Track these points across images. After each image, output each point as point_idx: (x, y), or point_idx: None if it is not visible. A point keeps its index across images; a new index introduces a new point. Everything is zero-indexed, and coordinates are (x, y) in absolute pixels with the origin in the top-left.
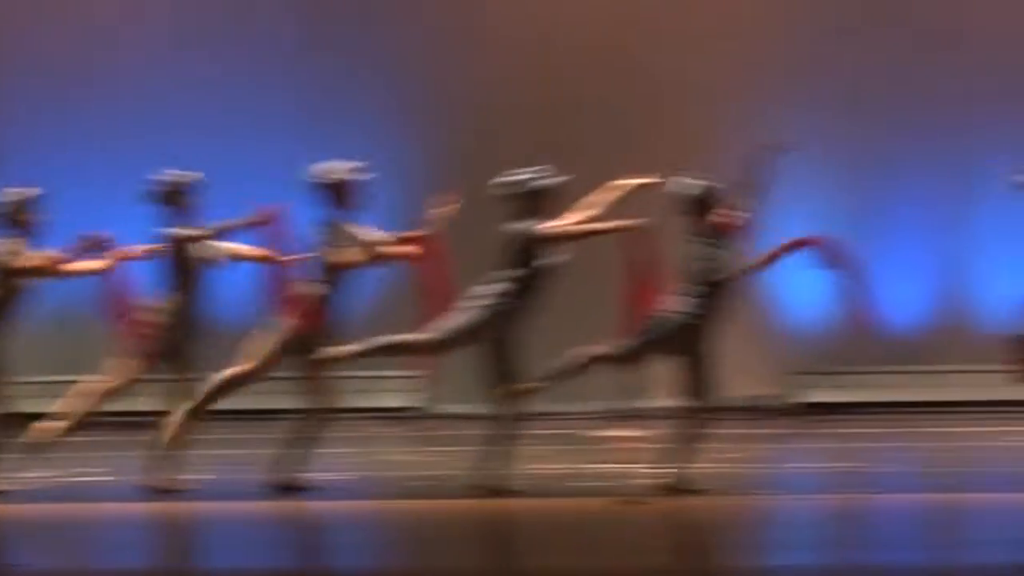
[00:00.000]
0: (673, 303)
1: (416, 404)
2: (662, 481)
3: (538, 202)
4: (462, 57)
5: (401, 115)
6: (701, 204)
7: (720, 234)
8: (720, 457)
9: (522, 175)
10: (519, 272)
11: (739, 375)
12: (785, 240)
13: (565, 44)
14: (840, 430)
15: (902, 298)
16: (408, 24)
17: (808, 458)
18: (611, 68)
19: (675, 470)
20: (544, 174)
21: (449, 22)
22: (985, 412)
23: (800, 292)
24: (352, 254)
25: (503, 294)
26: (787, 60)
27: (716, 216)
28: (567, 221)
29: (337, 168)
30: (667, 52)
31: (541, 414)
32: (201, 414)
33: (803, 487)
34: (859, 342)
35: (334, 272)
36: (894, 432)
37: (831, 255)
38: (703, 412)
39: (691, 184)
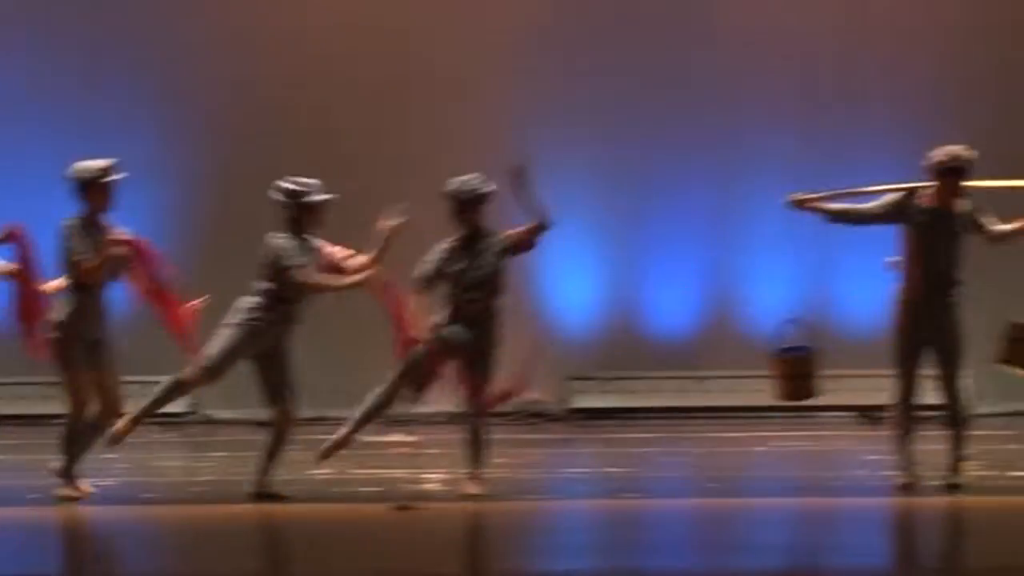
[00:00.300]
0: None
1: (186, 409)
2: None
3: (303, 215)
4: (222, 56)
5: (156, 113)
6: (465, 206)
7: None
8: (494, 462)
9: (293, 185)
10: (270, 286)
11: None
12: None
13: (325, 44)
14: (610, 435)
15: (669, 306)
16: (164, 21)
17: (579, 463)
18: (377, 68)
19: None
20: (313, 189)
21: (204, 21)
22: (750, 418)
23: (570, 298)
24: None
25: (254, 309)
26: (549, 67)
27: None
28: (331, 255)
29: (89, 166)
30: (432, 52)
31: (313, 419)
32: None
33: (575, 492)
34: (628, 348)
35: (88, 275)
36: (663, 437)
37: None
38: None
39: (462, 183)
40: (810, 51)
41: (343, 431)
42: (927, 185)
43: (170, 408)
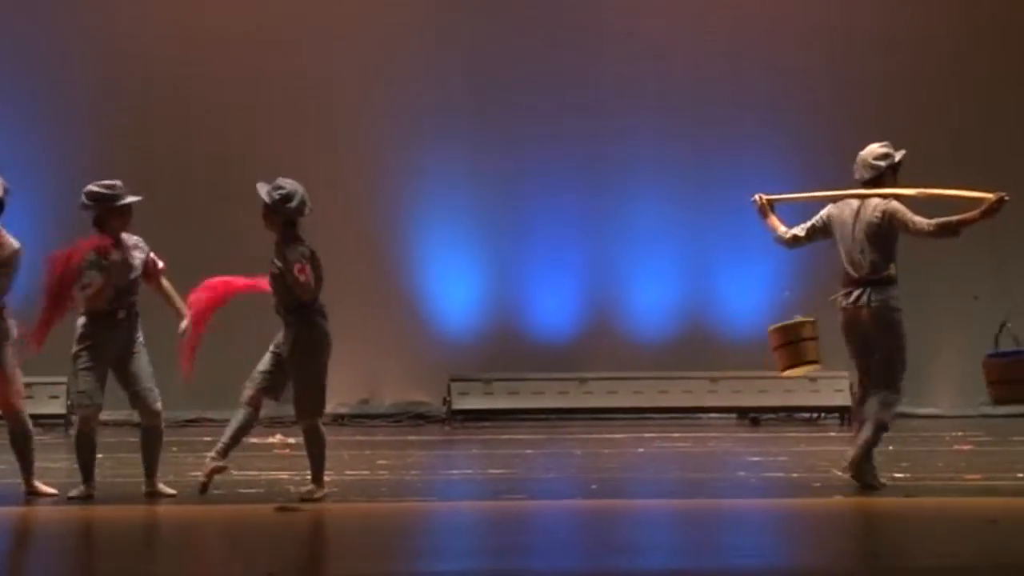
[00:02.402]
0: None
1: (66, 411)
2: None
3: (110, 218)
4: (88, 57)
5: (35, 113)
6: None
7: None
8: (376, 464)
9: (98, 188)
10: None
11: (393, 382)
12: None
13: (214, 46)
14: (492, 436)
15: (550, 308)
16: (32, 22)
17: (461, 464)
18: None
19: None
20: (119, 192)
21: (84, 20)
22: (631, 419)
23: (451, 299)
24: None
25: (87, 319)
26: (431, 74)
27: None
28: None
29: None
30: (320, 58)
31: (193, 421)
32: None
33: (456, 493)
34: (510, 350)
35: None
36: (545, 439)
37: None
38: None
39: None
40: (694, 55)
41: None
42: (900, 193)
43: (50, 410)
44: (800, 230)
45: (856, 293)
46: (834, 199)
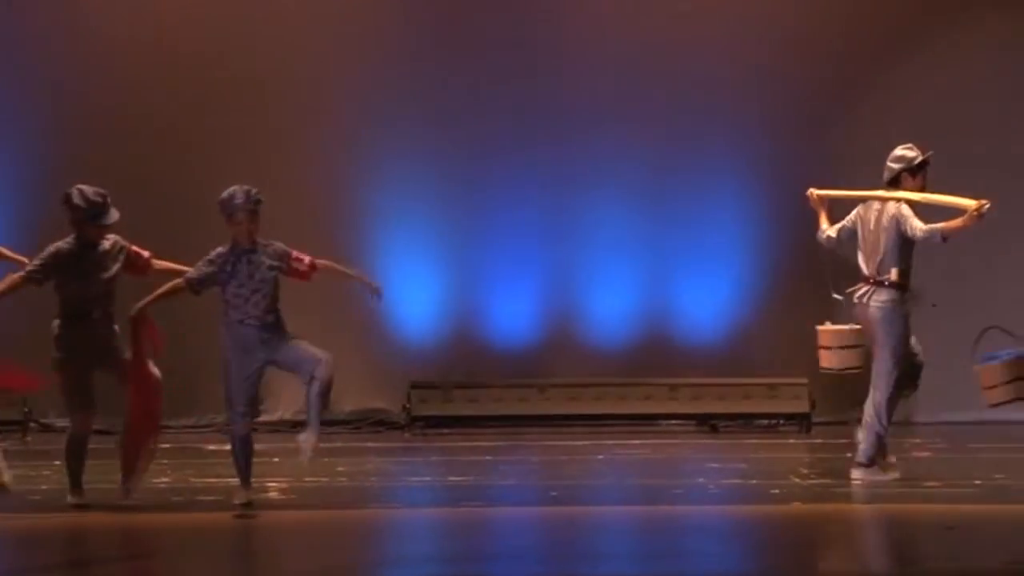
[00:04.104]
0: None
1: (21, 417)
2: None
3: (85, 226)
4: (39, 60)
5: None
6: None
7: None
8: (336, 471)
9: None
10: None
11: (353, 388)
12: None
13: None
14: (452, 443)
15: (510, 314)
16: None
17: (421, 471)
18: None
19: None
20: (101, 207)
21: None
22: (591, 426)
23: (412, 306)
24: None
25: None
26: (388, 80)
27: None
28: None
29: None
30: (274, 60)
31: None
32: None
33: (417, 500)
34: (470, 357)
35: None
36: (505, 445)
37: None
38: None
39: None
40: (657, 66)
41: None
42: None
43: (4, 415)
44: (833, 230)
45: (864, 291)
46: (881, 199)
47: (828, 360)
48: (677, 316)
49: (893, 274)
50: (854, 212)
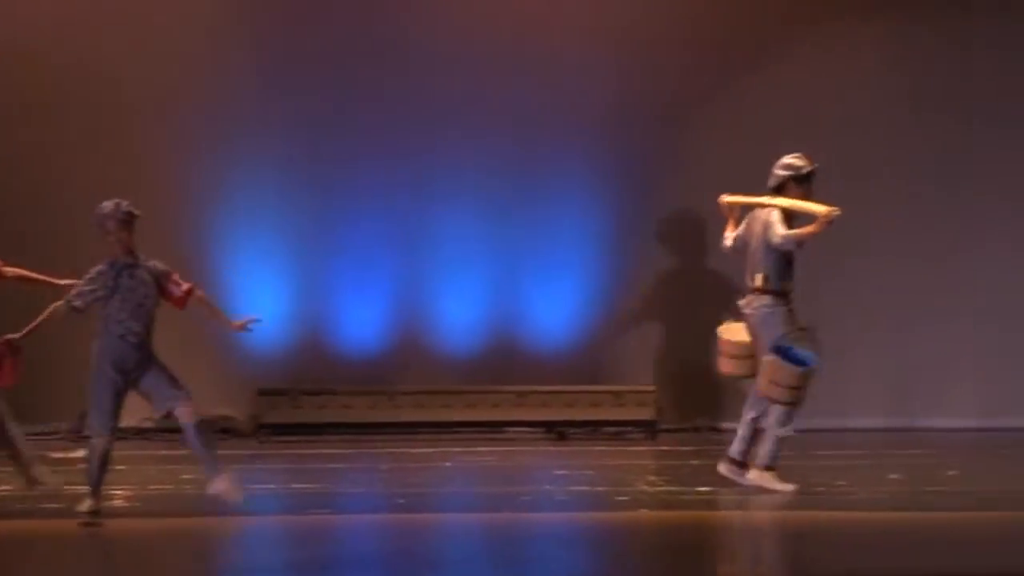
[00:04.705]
0: None
1: None
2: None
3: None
4: None
5: None
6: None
7: None
8: (182, 478)
9: None
10: None
11: (200, 395)
12: None
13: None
14: (300, 451)
15: (359, 321)
16: None
17: (268, 479)
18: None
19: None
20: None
21: None
22: (439, 433)
23: (259, 311)
24: None
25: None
26: (246, 82)
27: None
28: None
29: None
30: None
31: None
32: None
33: (264, 508)
34: (318, 363)
35: None
36: (353, 453)
37: None
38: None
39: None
40: (504, 74)
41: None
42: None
43: None
44: (729, 239)
45: (746, 299)
46: (768, 206)
47: (725, 367)
48: (525, 324)
49: (758, 280)
50: (744, 221)
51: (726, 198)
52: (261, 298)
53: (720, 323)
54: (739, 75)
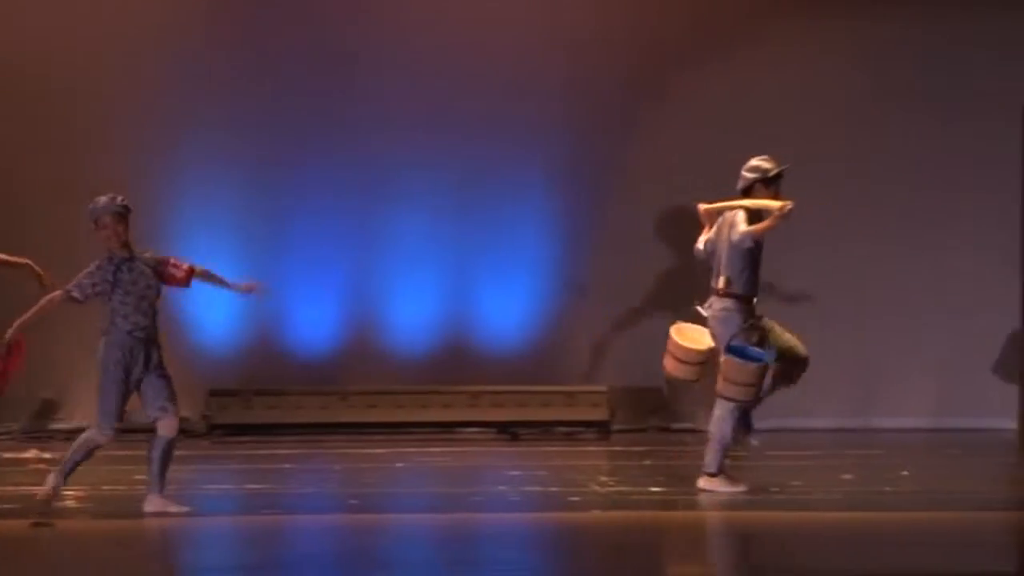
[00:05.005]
0: None
1: None
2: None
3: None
4: None
5: None
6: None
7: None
8: (134, 479)
9: None
10: None
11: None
12: None
13: None
14: (252, 451)
15: (313, 322)
16: None
17: (221, 480)
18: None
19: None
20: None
21: None
22: (392, 433)
23: (211, 312)
24: None
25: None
26: (194, 79)
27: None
28: None
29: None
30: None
31: None
32: None
33: (217, 508)
34: (270, 363)
35: None
36: (305, 453)
37: None
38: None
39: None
40: (458, 72)
41: None
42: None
43: None
44: (701, 243)
45: (708, 301)
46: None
47: (668, 366)
48: (478, 324)
49: (721, 282)
50: (716, 226)
51: (703, 206)
52: (213, 298)
53: (673, 323)
54: (696, 75)
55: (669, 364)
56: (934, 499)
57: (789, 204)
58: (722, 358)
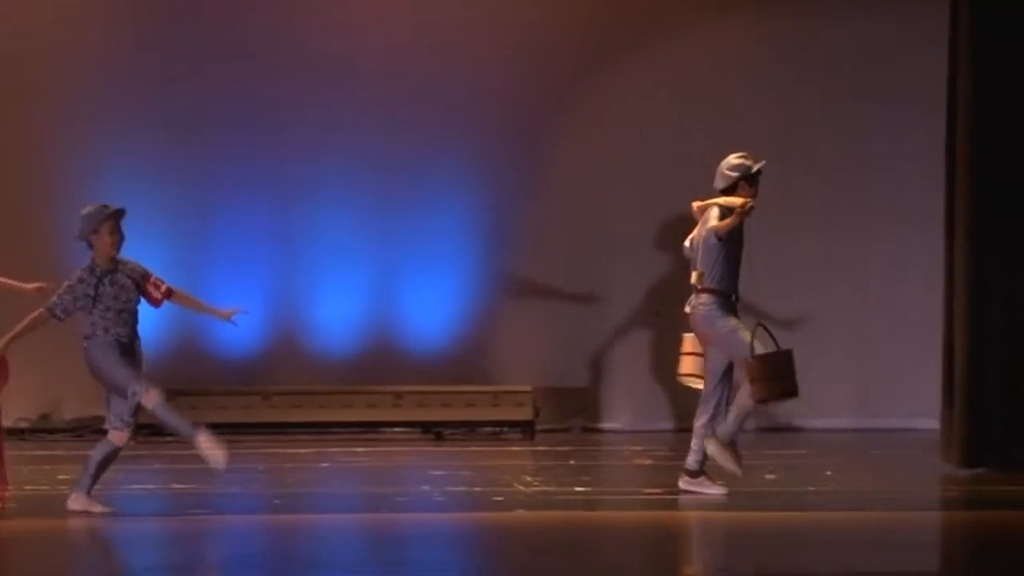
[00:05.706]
0: None
1: None
2: None
3: None
4: None
5: None
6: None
7: None
8: (57, 479)
9: None
10: None
11: (75, 396)
12: None
13: None
14: (176, 451)
15: (236, 321)
16: None
17: (145, 480)
18: None
19: None
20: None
21: None
22: (315, 433)
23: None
24: None
25: None
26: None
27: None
28: None
29: None
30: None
31: None
32: None
33: (141, 509)
34: (193, 364)
35: None
36: (229, 453)
37: None
38: None
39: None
40: (383, 70)
41: None
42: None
43: None
44: (688, 241)
45: (690, 298)
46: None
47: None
48: (402, 324)
49: (694, 276)
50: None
51: (697, 204)
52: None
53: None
54: (622, 71)
55: (688, 365)
56: (856, 499)
57: (751, 201)
58: (744, 360)
